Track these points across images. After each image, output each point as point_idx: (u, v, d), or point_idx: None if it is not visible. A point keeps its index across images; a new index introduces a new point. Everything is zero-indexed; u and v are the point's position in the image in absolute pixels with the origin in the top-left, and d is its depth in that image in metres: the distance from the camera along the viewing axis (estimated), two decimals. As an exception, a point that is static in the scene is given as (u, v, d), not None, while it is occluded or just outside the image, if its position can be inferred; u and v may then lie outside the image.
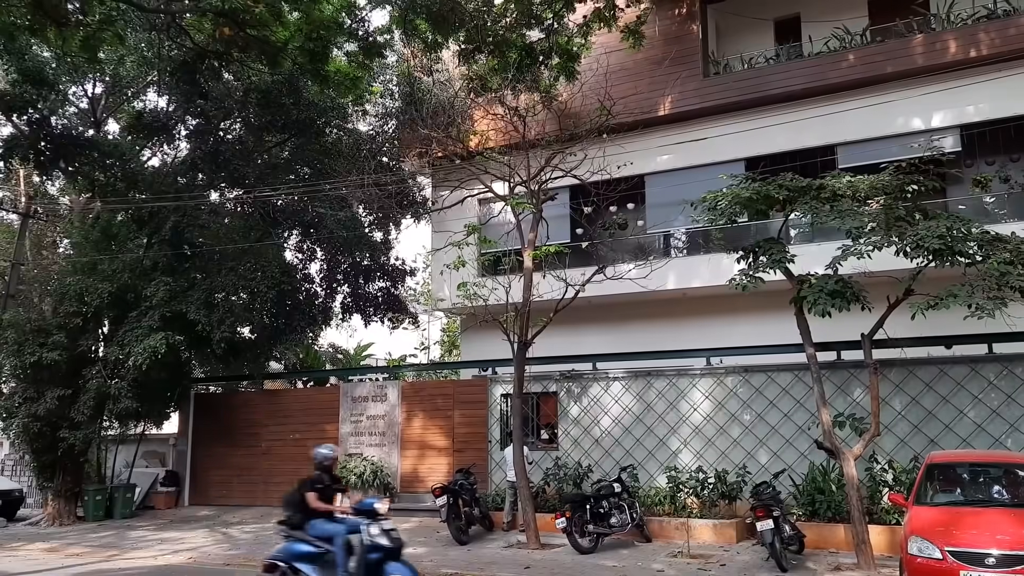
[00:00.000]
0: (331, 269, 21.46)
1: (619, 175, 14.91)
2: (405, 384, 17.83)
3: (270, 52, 15.38)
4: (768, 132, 15.80)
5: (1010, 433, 11.67)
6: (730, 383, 13.89)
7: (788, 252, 11.25)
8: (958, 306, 9.35)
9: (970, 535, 7.68)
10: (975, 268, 9.82)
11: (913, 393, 12.41)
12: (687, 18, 17.56)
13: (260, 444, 18.81)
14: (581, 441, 14.89)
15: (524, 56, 16.70)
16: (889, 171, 10.84)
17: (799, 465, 12.76)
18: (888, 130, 15.16)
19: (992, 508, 8.42)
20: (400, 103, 19.61)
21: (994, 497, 8.81)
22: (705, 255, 16.54)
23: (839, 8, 17.02)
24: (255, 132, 19.88)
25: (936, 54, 14.87)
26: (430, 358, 38.23)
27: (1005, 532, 7.66)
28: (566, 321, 13.81)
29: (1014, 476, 9.00)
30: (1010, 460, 9.45)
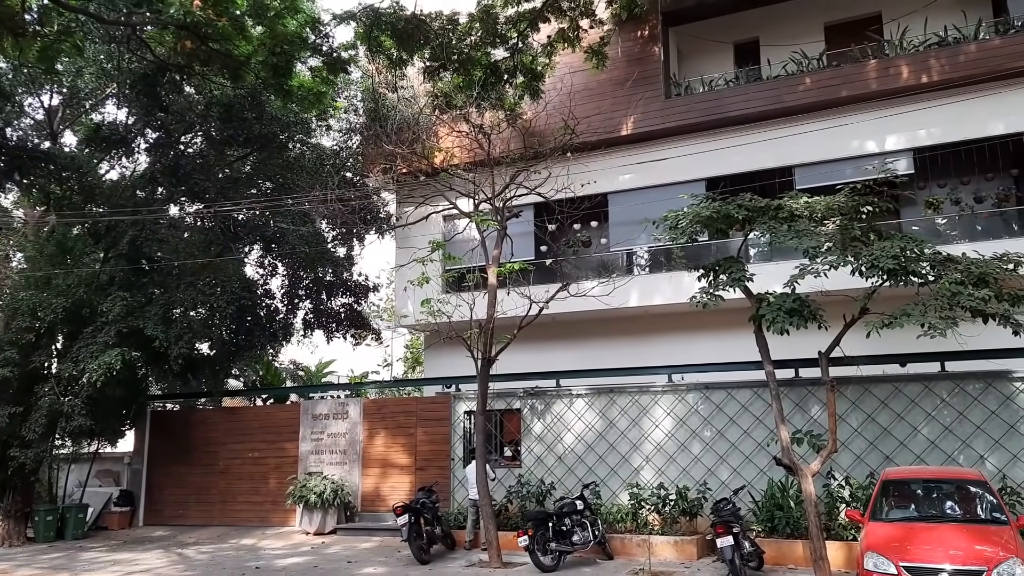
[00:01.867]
0: (293, 284, 21.25)
1: (583, 193, 15.06)
2: (367, 401, 17.69)
3: (233, 66, 15.27)
4: (728, 153, 16.07)
5: (962, 449, 11.94)
6: (691, 400, 14.02)
7: (747, 271, 11.43)
8: (911, 325, 9.57)
9: (924, 551, 7.84)
10: (928, 288, 10.08)
11: (869, 410, 12.65)
12: (649, 40, 17.84)
13: (218, 463, 18.49)
14: (544, 458, 14.90)
15: (489, 74, 16.81)
16: (845, 192, 11.09)
17: (759, 481, 12.90)
18: (843, 152, 15.52)
19: (945, 524, 8.61)
20: (364, 119, 19.57)
21: (947, 513, 9.01)
22: (667, 273, 16.71)
23: (796, 33, 17.45)
24: (216, 146, 19.68)
25: (889, 79, 15.30)
26: (393, 375, 37.97)
27: (957, 547, 7.84)
28: (530, 338, 13.85)
29: (966, 492, 9.22)
30: (962, 476, 9.68)
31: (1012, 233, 15.03)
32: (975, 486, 9.22)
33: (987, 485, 9.18)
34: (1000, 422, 11.79)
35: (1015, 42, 14.64)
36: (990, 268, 9.97)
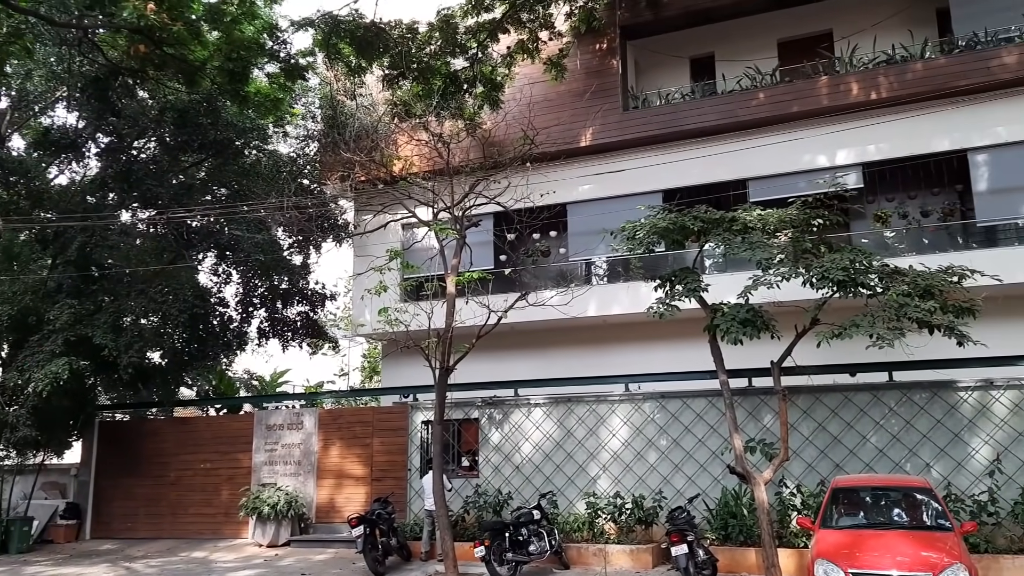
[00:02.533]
0: (247, 293, 20.93)
1: (542, 203, 15.11)
2: (323, 411, 17.49)
3: (188, 71, 15.05)
4: (684, 165, 16.30)
5: (909, 458, 12.23)
6: (647, 409, 14.14)
7: (702, 281, 11.61)
8: (861, 335, 9.80)
9: (872, 557, 8.01)
10: (876, 299, 10.34)
11: (820, 419, 12.89)
12: (607, 53, 18.04)
13: (169, 474, 18.09)
14: (502, 468, 14.88)
15: (448, 83, 16.84)
16: (796, 205, 11.33)
17: (713, 490, 13.05)
18: (796, 166, 15.85)
19: (893, 531, 8.81)
20: (322, 126, 19.42)
21: (894, 520, 9.23)
22: (625, 283, 16.86)
23: (751, 49, 17.80)
24: (170, 151, 19.35)
25: (840, 95, 15.68)
26: (350, 384, 37.61)
27: (904, 554, 8.04)
28: (489, 347, 13.84)
29: (913, 499, 9.45)
30: (909, 484, 9.91)
31: (957, 246, 15.49)
32: (921, 494, 9.45)
33: (933, 493, 9.42)
34: (945, 431, 12.11)
35: (959, 61, 15.13)
36: (936, 281, 10.26)
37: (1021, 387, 11.83)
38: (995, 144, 14.87)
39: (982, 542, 10.72)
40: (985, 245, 15.33)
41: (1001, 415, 11.84)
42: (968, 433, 11.98)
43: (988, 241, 15.53)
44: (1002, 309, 11.88)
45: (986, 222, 15.24)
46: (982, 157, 15.02)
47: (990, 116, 14.81)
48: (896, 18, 16.69)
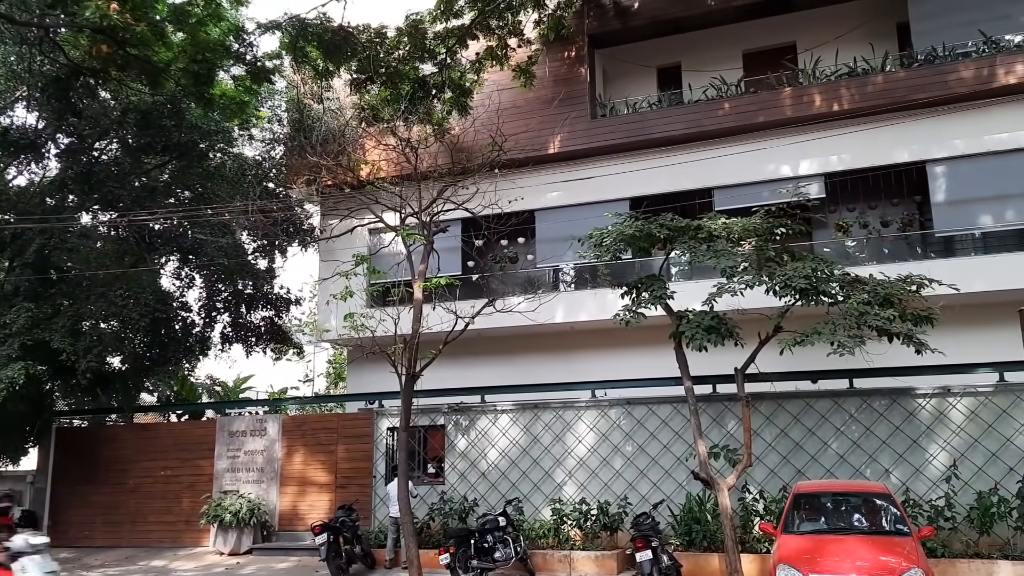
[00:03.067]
0: (211, 297, 20.65)
1: (510, 210, 15.14)
2: (286, 418, 17.30)
3: (151, 72, 14.81)
4: (651, 174, 16.45)
5: (869, 463, 12.42)
6: (613, 415, 14.20)
7: (668, 289, 11.71)
8: (822, 343, 9.96)
9: (832, 562, 8.13)
10: (837, 307, 10.51)
11: (782, 425, 13.04)
12: (576, 61, 18.14)
13: (128, 481, 17.75)
14: (468, 475, 14.83)
15: (417, 89, 16.80)
16: (760, 214, 11.49)
17: (677, 495, 13.14)
18: (760, 176, 16.07)
19: (852, 536, 8.95)
20: (288, 129, 19.24)
21: (854, 525, 9.37)
22: (592, 290, 16.94)
23: (717, 59, 18.03)
24: (132, 153, 19.02)
25: (803, 106, 15.95)
26: (315, 391, 37.23)
27: (864, 558, 8.16)
28: (456, 353, 13.80)
29: (872, 505, 9.61)
30: (869, 490, 10.08)
31: (916, 256, 15.80)
32: (880, 499, 9.61)
33: (891, 498, 9.59)
34: (904, 437, 12.32)
35: (918, 75, 15.48)
36: (895, 289, 10.47)
37: (977, 394, 12.09)
38: (953, 156, 15.23)
39: (939, 546, 10.92)
40: (943, 255, 15.67)
41: (958, 422, 12.08)
42: (926, 439, 12.20)
43: (946, 251, 15.87)
44: (959, 318, 12.13)
45: (944, 233, 15.59)
46: (940, 169, 15.37)
47: (948, 129, 15.17)
48: (858, 31, 17.02)
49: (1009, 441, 11.69)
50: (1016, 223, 15.08)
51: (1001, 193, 15.02)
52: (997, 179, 15.00)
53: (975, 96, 14.94)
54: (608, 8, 17.88)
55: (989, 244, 15.62)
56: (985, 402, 11.98)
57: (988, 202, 15.13)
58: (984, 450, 11.80)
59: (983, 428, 11.89)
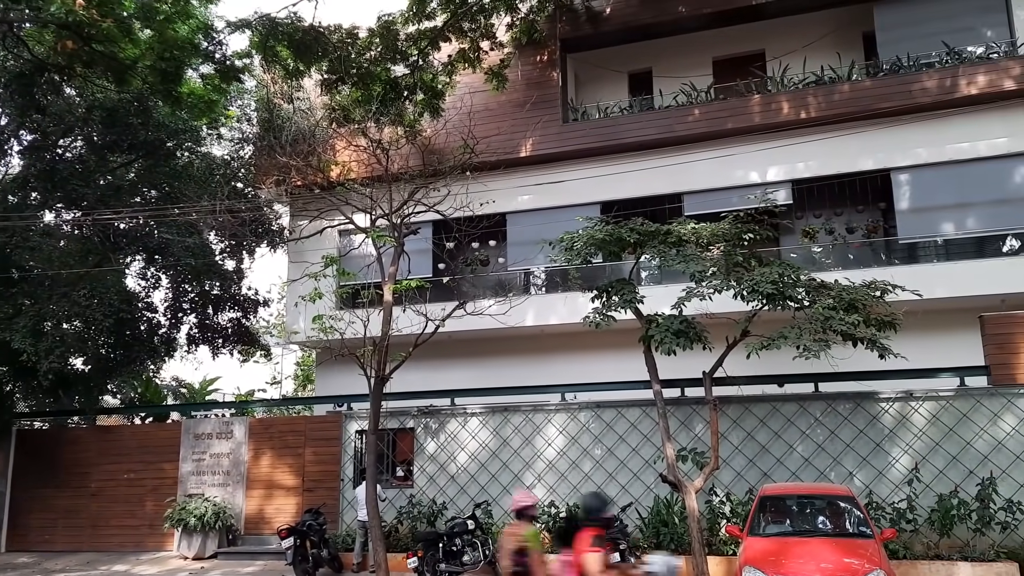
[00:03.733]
0: (177, 298, 20.34)
1: (481, 212, 15.13)
2: (253, 420, 17.09)
3: (118, 69, 14.60)
4: (622, 178, 16.55)
5: (833, 467, 12.60)
6: (583, 418, 14.24)
7: (638, 293, 11.79)
8: (788, 347, 10.09)
9: (797, 564, 8.23)
10: (803, 312, 10.65)
11: (749, 428, 13.18)
12: (548, 65, 18.20)
13: (90, 485, 17.42)
14: (437, 478, 14.78)
15: (388, 90, 16.74)
16: (729, 220, 11.61)
17: (645, 498, 13.21)
18: (729, 181, 16.25)
19: (817, 538, 9.07)
20: (258, 129, 19.04)
21: (819, 527, 9.51)
22: (563, 293, 16.98)
23: (687, 66, 18.20)
24: (98, 151, 18.69)
25: (771, 113, 16.16)
26: (282, 393, 36.88)
27: (828, 560, 8.28)
28: (426, 356, 13.75)
29: (836, 507, 9.75)
30: (832, 492, 10.22)
31: (880, 262, 16.08)
32: (844, 502, 9.75)
33: (855, 501, 9.73)
34: (867, 440, 12.51)
35: (883, 84, 15.76)
36: (859, 295, 10.64)
37: (938, 398, 12.32)
38: (916, 164, 15.53)
39: (901, 548, 11.10)
40: (906, 261, 15.97)
41: (919, 425, 12.30)
42: (889, 443, 12.41)
43: (909, 258, 16.17)
44: (921, 323, 12.36)
45: (907, 239, 15.89)
46: (904, 177, 15.67)
47: (911, 137, 15.47)
48: (825, 40, 17.30)
49: (969, 445, 11.92)
50: (977, 231, 15.42)
51: (962, 201, 15.35)
52: (958, 187, 15.33)
53: (938, 106, 15.26)
54: (580, 13, 17.97)
55: (951, 251, 15.95)
56: (946, 406, 12.21)
57: (950, 210, 15.45)
58: (945, 453, 12.02)
59: (944, 432, 12.12)
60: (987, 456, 11.78)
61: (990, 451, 11.80)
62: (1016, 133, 15.03)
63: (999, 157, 15.15)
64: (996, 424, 11.89)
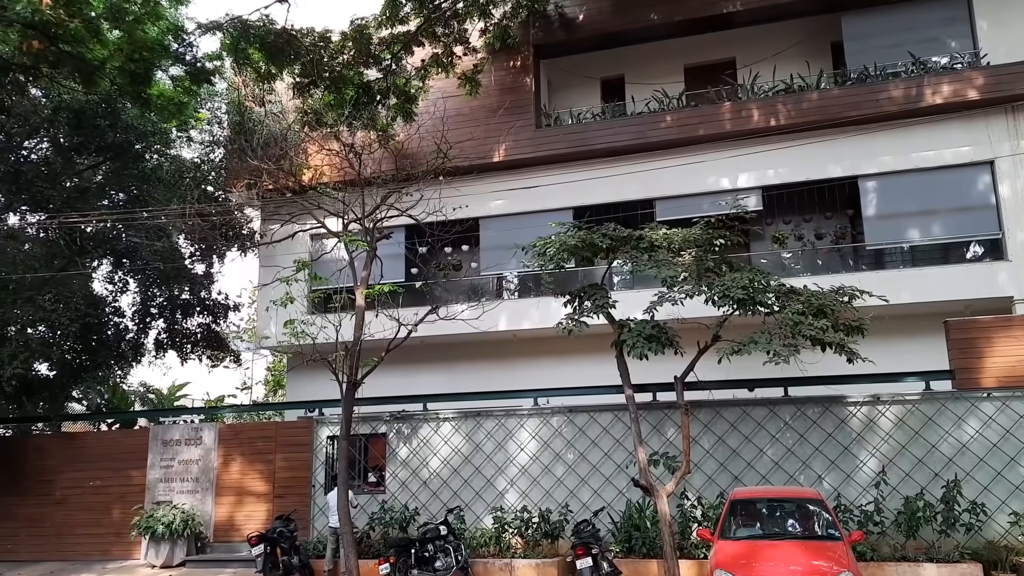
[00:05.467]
0: (145, 302, 20.07)
1: (455, 217, 15.15)
2: (223, 426, 16.89)
3: (85, 70, 14.37)
4: (594, 184, 16.64)
5: (803, 470, 12.74)
6: (556, 423, 14.26)
7: (610, 298, 11.87)
8: (759, 352, 10.19)
9: (767, 567, 8.32)
10: (773, 317, 10.77)
11: (720, 432, 13.29)
12: (521, 71, 18.25)
13: (54, 493, 17.08)
14: (409, 483, 14.71)
15: (361, 94, 16.67)
16: (700, 225, 11.73)
17: (618, 503, 13.26)
18: (700, 187, 16.42)
19: (787, 541, 9.17)
20: (229, 132, 18.87)
21: (788, 531, 9.61)
22: (535, 298, 17.03)
23: (659, 73, 18.36)
24: (64, 153, 18.39)
25: (742, 121, 16.35)
26: (253, 398, 36.50)
27: (797, 563, 8.38)
28: (398, 361, 13.71)
29: (805, 511, 9.87)
30: (802, 496, 10.34)
31: (848, 268, 16.33)
32: (813, 505, 9.88)
33: (824, 504, 9.86)
34: (836, 444, 12.67)
35: (851, 93, 16.03)
36: (828, 300, 10.80)
37: (905, 402, 12.51)
38: (883, 172, 15.81)
39: (868, 550, 11.25)
40: (874, 267, 16.23)
41: (886, 429, 12.48)
42: (856, 446, 12.57)
43: (876, 264, 16.44)
44: (888, 328, 12.56)
45: (875, 246, 16.15)
46: (871, 184, 15.94)
47: (878, 146, 15.75)
48: (795, 49, 17.55)
49: (934, 448, 12.13)
50: (942, 238, 15.73)
51: (928, 208, 15.65)
52: (924, 195, 15.64)
53: (904, 115, 15.55)
54: (553, 19, 18.05)
55: (917, 257, 16.24)
56: (912, 410, 12.41)
57: (916, 217, 15.73)
58: (911, 456, 12.21)
59: (910, 435, 12.31)
60: (952, 459, 11.99)
61: (955, 454, 12.01)
62: (979, 142, 15.37)
63: (963, 165, 15.49)
64: (960, 427, 12.10)
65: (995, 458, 11.82)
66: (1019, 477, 11.64)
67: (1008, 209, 15.09)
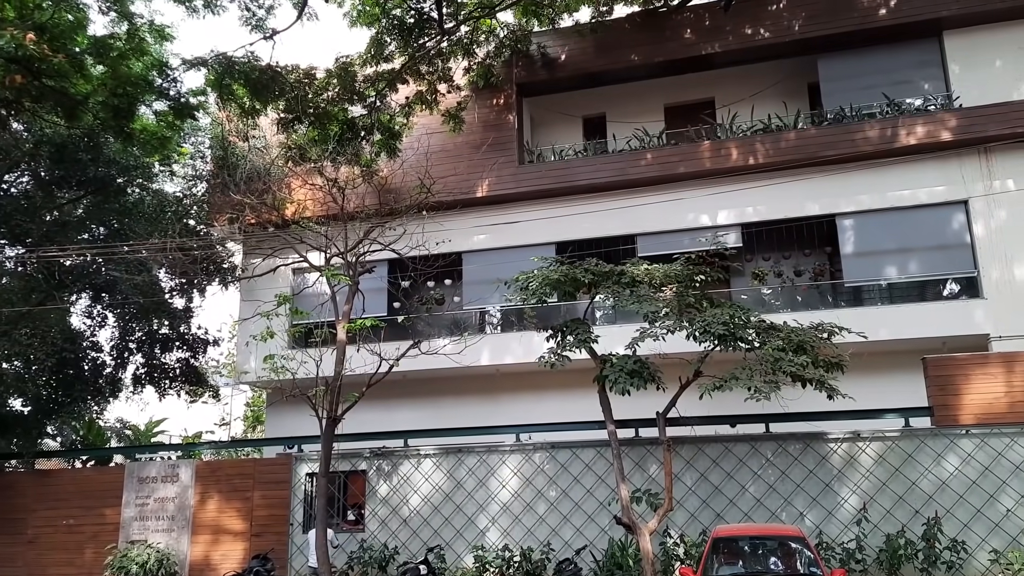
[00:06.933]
0: (123, 337, 19.82)
1: (437, 251, 15.17)
2: (200, 463, 16.64)
3: (68, 104, 14.38)
4: (576, 219, 16.77)
5: (784, 507, 12.71)
6: (538, 459, 14.17)
7: (593, 332, 11.87)
8: (740, 388, 10.22)
9: (750, 604, 8.24)
10: (754, 353, 10.82)
11: (702, 469, 13.25)
12: (504, 108, 18.47)
13: (26, 531, 16.68)
14: (389, 521, 14.51)
15: (345, 130, 16.79)
16: (681, 261, 11.82)
17: (600, 541, 13.14)
18: (680, 224, 16.59)
19: (769, 578, 9.10)
20: (212, 166, 18.87)
21: (771, 568, 9.55)
22: (518, 332, 17.03)
23: (640, 112, 18.65)
24: (45, 187, 18.27)
25: (721, 159, 16.60)
26: (231, 435, 36.02)
27: (779, 600, 8.30)
28: (379, 396, 13.61)
29: (787, 548, 9.81)
30: (784, 533, 10.30)
31: (827, 304, 16.48)
32: (795, 542, 9.83)
33: (805, 541, 9.82)
34: (817, 480, 12.67)
35: (828, 133, 16.34)
36: (808, 336, 10.88)
37: (885, 439, 12.56)
38: (860, 210, 16.06)
39: (851, 588, 11.21)
40: (852, 304, 16.39)
41: (867, 465, 12.51)
42: (838, 483, 12.57)
43: (855, 300, 16.61)
44: (867, 365, 12.65)
45: (853, 283, 16.34)
46: (848, 222, 16.17)
47: (855, 184, 16.02)
48: (772, 90, 17.90)
49: (914, 485, 12.15)
50: (918, 275, 15.94)
51: (905, 246, 15.89)
52: (900, 233, 15.88)
53: (880, 154, 15.85)
54: (536, 59, 18.33)
55: (894, 295, 16.43)
56: (892, 446, 12.45)
57: (893, 254, 15.96)
58: (892, 493, 12.22)
59: (890, 472, 12.33)
60: (932, 496, 12.01)
61: (935, 491, 12.03)
62: (953, 182, 15.67)
63: (938, 205, 15.78)
64: (940, 464, 12.15)
65: (975, 495, 11.85)
66: (998, 514, 11.68)
67: (982, 248, 15.34)
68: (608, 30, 18.06)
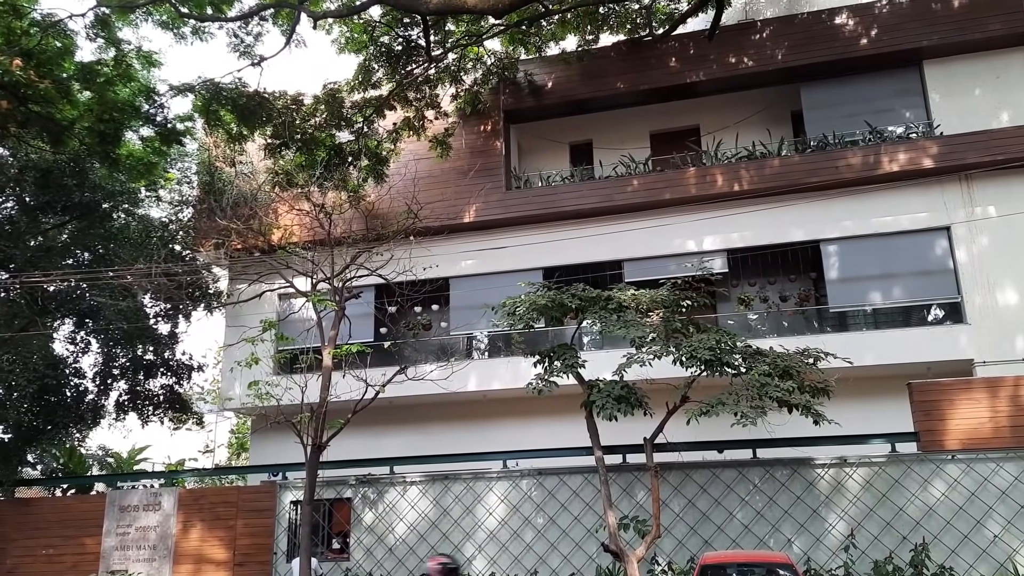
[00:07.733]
0: (107, 363, 19.62)
1: (424, 277, 15.15)
2: (183, 491, 16.41)
3: (54, 130, 14.38)
4: (563, 245, 16.83)
5: (772, 534, 12.65)
6: (525, 486, 14.07)
7: (580, 358, 11.85)
8: (727, 413, 10.21)
9: (738, 632, 8.16)
10: (740, 378, 10.84)
11: (690, 495, 13.19)
12: (492, 134, 18.59)
13: (5, 561, 16.36)
14: (375, 550, 14.34)
15: (333, 155, 16.83)
16: (667, 287, 11.85)
17: (587, 569, 13.02)
18: (667, 249, 16.68)
19: (757, 605, 9.03)
20: (198, 191, 18.83)
21: (759, 595, 9.47)
22: (505, 358, 16.99)
23: (626, 138, 18.83)
24: (30, 212, 18.16)
25: (706, 185, 16.74)
26: (215, 462, 35.60)
27: (768, 628, 8.23)
28: (365, 423, 13.51)
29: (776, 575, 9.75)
30: (772, 560, 10.23)
31: (812, 330, 16.56)
32: (784, 569, 9.76)
33: (794, 568, 9.74)
34: (804, 507, 12.64)
35: (811, 160, 16.52)
36: (793, 362, 10.91)
37: (871, 464, 12.56)
38: (844, 236, 16.21)
39: (840, 615, 11.13)
40: (837, 329, 16.48)
41: (854, 491, 12.48)
42: (825, 509, 12.54)
43: (840, 326, 16.70)
44: (853, 390, 12.68)
45: (838, 308, 16.43)
46: (833, 248, 16.31)
47: (839, 211, 16.18)
48: (756, 117, 18.11)
49: (901, 511, 12.13)
50: (903, 301, 16.05)
51: (889, 272, 16.02)
52: (884, 259, 16.02)
53: (862, 181, 16.03)
54: (523, 86, 18.49)
55: (879, 320, 16.54)
56: (879, 472, 12.44)
57: (877, 280, 16.08)
58: (879, 519, 12.19)
59: (877, 497, 12.31)
60: (919, 522, 11.99)
61: (922, 517, 12.02)
62: (935, 208, 15.86)
63: (921, 231, 15.95)
64: (927, 490, 12.15)
65: (962, 521, 11.84)
66: (985, 540, 11.67)
67: (965, 273, 15.49)
68: (594, 58, 18.27)
